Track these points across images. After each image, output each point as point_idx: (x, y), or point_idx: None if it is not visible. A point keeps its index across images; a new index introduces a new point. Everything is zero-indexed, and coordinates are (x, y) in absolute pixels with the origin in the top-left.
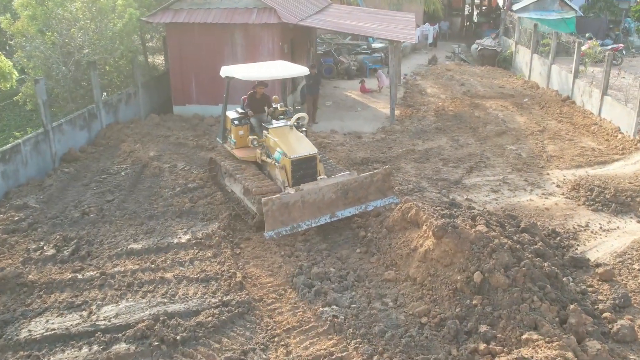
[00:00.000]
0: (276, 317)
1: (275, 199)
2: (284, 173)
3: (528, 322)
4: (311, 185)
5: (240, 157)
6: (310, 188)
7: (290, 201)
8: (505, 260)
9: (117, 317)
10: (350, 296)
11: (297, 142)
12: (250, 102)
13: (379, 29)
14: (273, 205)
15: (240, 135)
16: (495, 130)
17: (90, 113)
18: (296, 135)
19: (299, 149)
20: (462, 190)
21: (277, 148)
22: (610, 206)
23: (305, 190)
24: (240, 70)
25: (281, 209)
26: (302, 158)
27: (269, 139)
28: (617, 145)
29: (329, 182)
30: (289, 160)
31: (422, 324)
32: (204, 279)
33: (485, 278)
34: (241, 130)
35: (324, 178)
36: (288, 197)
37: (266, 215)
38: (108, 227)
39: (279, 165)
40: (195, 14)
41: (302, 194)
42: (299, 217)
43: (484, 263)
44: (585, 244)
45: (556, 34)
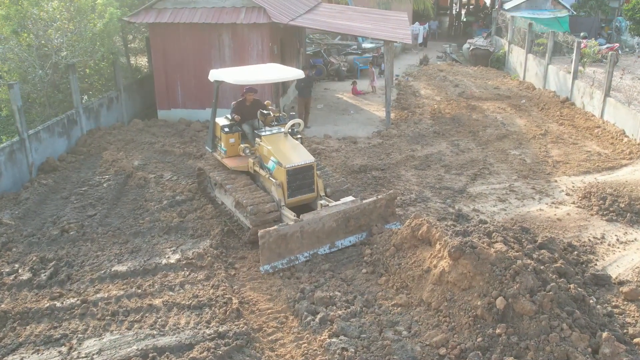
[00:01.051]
0: (278, 350)
1: (272, 231)
2: (280, 191)
3: (559, 355)
4: (311, 215)
5: (232, 167)
6: (310, 218)
7: (288, 232)
8: (530, 284)
9: (101, 353)
10: (359, 324)
11: (293, 151)
12: (239, 109)
13: (372, 28)
14: (270, 237)
15: (231, 144)
16: (496, 134)
17: (69, 119)
18: (291, 142)
19: (294, 158)
20: (468, 199)
21: (271, 157)
22: (625, 216)
23: (305, 221)
24: (231, 74)
25: (278, 240)
26: (299, 167)
27: (262, 147)
28: (624, 149)
29: (331, 210)
30: (284, 170)
31: (441, 356)
32: (196, 306)
33: (509, 304)
34: (232, 138)
35: (325, 204)
36: (286, 228)
37: (262, 248)
38: (89, 245)
39: (276, 183)
40: (180, 13)
41: (301, 225)
42: (296, 249)
43: (507, 287)
44: (604, 259)
45: (552, 33)
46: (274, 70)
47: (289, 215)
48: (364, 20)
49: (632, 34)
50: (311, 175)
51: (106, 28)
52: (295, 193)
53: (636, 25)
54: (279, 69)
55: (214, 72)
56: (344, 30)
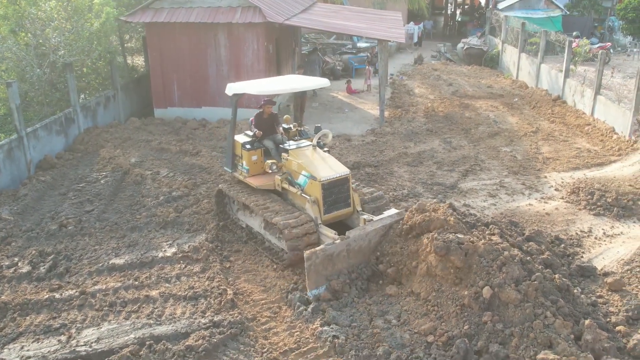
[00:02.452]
0: (272, 338)
1: (319, 252)
2: (316, 208)
3: (542, 340)
4: (357, 231)
5: (257, 186)
6: (356, 234)
7: (335, 252)
8: (516, 274)
9: (99, 341)
10: (350, 314)
11: (325, 163)
12: (258, 122)
13: (367, 28)
14: (317, 258)
15: (253, 161)
16: (488, 132)
17: (67, 117)
18: (321, 155)
19: (328, 171)
20: (459, 195)
21: (302, 171)
22: (612, 210)
23: (352, 238)
24: (252, 85)
25: (325, 261)
26: (334, 180)
27: (290, 162)
28: (613, 146)
29: (376, 225)
30: (319, 184)
31: (429, 343)
32: (192, 297)
33: (495, 293)
34: (254, 155)
35: (369, 219)
36: (333, 247)
37: (309, 271)
38: (87, 240)
39: (311, 199)
40: (176, 13)
41: (347, 242)
42: (344, 268)
43: (493, 277)
44: (590, 251)
45: (545, 32)
46: (294, 80)
47: (328, 234)
48: (359, 20)
49: (624, 34)
50: (347, 189)
51: (103, 27)
52: (331, 209)
53: (628, 24)
54: (299, 78)
55: (232, 85)
56: (339, 29)
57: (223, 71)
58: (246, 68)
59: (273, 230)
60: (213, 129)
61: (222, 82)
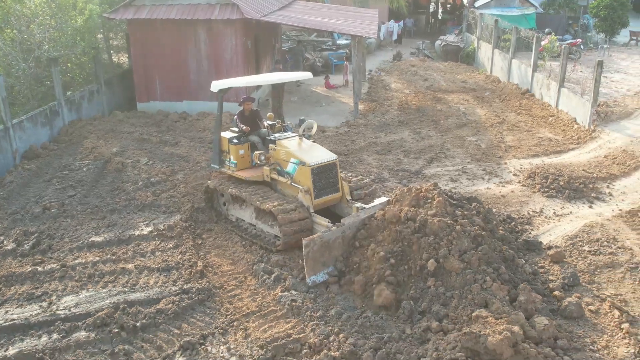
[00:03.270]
0: (236, 303)
1: (316, 239)
2: (308, 197)
3: (479, 301)
4: (352, 218)
5: (246, 178)
6: (351, 222)
7: (331, 239)
8: (464, 247)
9: (77, 306)
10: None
11: (313, 150)
12: (240, 120)
13: (341, 24)
14: (314, 245)
15: (241, 155)
16: (456, 123)
17: (51, 110)
18: (308, 143)
19: (317, 156)
20: (422, 179)
21: (291, 159)
22: (564, 192)
23: (347, 225)
24: (237, 79)
25: (322, 248)
26: (323, 165)
27: (278, 152)
28: (573, 135)
29: (369, 212)
30: (308, 169)
31: (379, 306)
32: (165, 269)
33: (440, 264)
34: (242, 150)
35: (361, 207)
36: (329, 234)
37: (307, 258)
38: (69, 221)
39: (304, 189)
40: (157, 10)
41: (343, 230)
42: (339, 255)
43: (440, 250)
44: (538, 229)
45: (516, 29)
46: (277, 74)
47: (322, 222)
48: (335, 17)
49: (597, 31)
50: (335, 174)
51: (86, 24)
52: (321, 193)
53: (601, 22)
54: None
55: (217, 82)
56: (314, 26)
57: (203, 66)
58: (225, 63)
59: (265, 218)
60: (193, 121)
61: (202, 77)
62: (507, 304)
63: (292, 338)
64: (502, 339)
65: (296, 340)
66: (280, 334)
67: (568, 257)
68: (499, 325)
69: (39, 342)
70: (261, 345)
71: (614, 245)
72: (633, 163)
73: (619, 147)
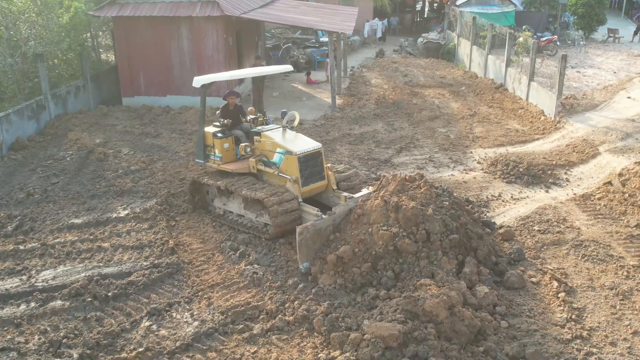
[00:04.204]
0: (203, 276)
1: (309, 227)
2: (297, 187)
3: (426, 273)
4: (342, 207)
5: (233, 170)
6: (341, 210)
7: (323, 226)
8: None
9: (55, 279)
10: (271, 257)
11: (298, 139)
12: (224, 114)
13: (319, 21)
14: (307, 233)
15: (225, 149)
16: (429, 115)
17: (38, 104)
18: (292, 134)
19: (302, 145)
20: (390, 167)
21: (277, 149)
22: (522, 178)
23: (338, 214)
24: (219, 75)
25: (314, 236)
26: (309, 153)
27: (264, 143)
28: (540, 126)
29: (357, 201)
30: (295, 157)
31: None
32: (138, 247)
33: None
34: (226, 143)
35: (349, 196)
36: (321, 222)
37: (300, 245)
38: (52, 206)
39: (292, 179)
40: (140, 7)
41: (334, 218)
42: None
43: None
44: (494, 211)
45: (491, 26)
46: (260, 68)
47: (311, 211)
48: (315, 14)
49: (575, 28)
50: (320, 162)
51: (72, 21)
52: (307, 181)
53: (579, 19)
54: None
55: (199, 78)
56: (292, 22)
57: (186, 62)
58: (207, 59)
59: (254, 208)
60: (175, 115)
61: (185, 72)
62: (453, 275)
63: (251, 305)
64: (439, 302)
65: (255, 307)
66: (241, 302)
67: (518, 235)
68: (439, 291)
69: (17, 309)
70: (222, 311)
71: (562, 225)
72: (591, 151)
73: (580, 137)
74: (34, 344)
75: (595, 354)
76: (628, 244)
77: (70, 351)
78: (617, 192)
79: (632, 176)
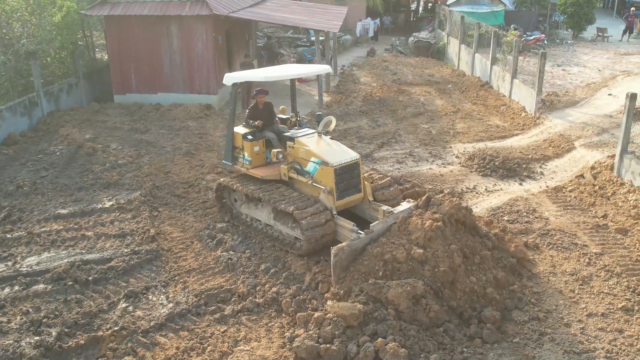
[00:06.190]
0: (180, 262)
1: (345, 248)
2: (331, 198)
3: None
4: (380, 224)
5: (263, 176)
6: (380, 227)
7: (359, 246)
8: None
9: (39, 264)
10: (246, 244)
11: (334, 148)
12: (253, 114)
13: (306, 20)
14: (343, 254)
15: (256, 152)
16: (413, 112)
17: (31, 101)
18: (328, 141)
19: (339, 156)
20: (371, 162)
21: (312, 158)
22: (498, 172)
23: (376, 232)
24: (254, 72)
25: (350, 257)
26: (345, 165)
27: (297, 150)
28: (520, 122)
29: (396, 217)
30: (331, 169)
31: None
32: (120, 235)
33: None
34: (257, 146)
35: (388, 210)
36: (358, 242)
37: (334, 267)
38: (40, 197)
39: (326, 190)
40: (131, 6)
41: (372, 237)
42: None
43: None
44: (468, 202)
45: (478, 25)
46: (297, 67)
47: (347, 226)
48: (304, 13)
49: (565, 27)
50: (358, 174)
51: (64, 20)
52: (343, 195)
53: (568, 18)
54: (302, 66)
55: (230, 75)
56: (280, 21)
57: (176, 60)
58: (197, 58)
59: (285, 219)
60: (165, 112)
61: (175, 70)
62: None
63: (224, 289)
64: (402, 292)
65: (227, 291)
66: (215, 286)
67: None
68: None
69: (1, 292)
70: (196, 294)
71: (532, 215)
72: (567, 146)
73: (557, 132)
74: (16, 323)
75: (549, 334)
76: (593, 233)
77: (49, 330)
78: (588, 185)
79: (603, 169)
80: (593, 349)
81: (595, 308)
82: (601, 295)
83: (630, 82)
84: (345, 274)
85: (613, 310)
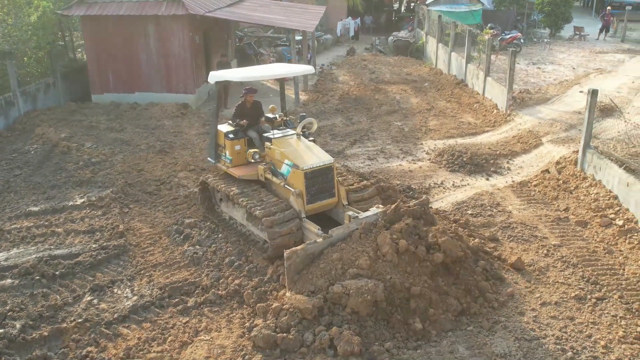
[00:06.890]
0: (147, 257)
1: (299, 251)
2: (300, 201)
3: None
4: (341, 229)
5: (240, 176)
6: (340, 233)
7: (316, 251)
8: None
9: (7, 260)
10: (213, 239)
11: (309, 151)
12: (241, 113)
13: (283, 19)
14: (297, 258)
15: (237, 151)
16: (387, 110)
17: (6, 101)
18: (305, 144)
19: (311, 159)
20: (342, 158)
21: (285, 160)
22: (466, 167)
23: (335, 237)
24: (235, 72)
25: (305, 261)
26: (317, 169)
27: (273, 151)
28: (492, 119)
29: (360, 222)
30: (301, 172)
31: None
32: (89, 231)
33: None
34: (237, 145)
35: (354, 216)
36: (314, 246)
37: (288, 271)
38: (12, 195)
39: (296, 192)
40: (107, 6)
41: (330, 241)
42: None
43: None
44: (434, 197)
45: (454, 24)
46: (279, 67)
47: (312, 229)
48: (282, 13)
49: (542, 26)
50: (331, 178)
51: (40, 20)
52: (314, 199)
53: (545, 17)
54: (285, 66)
55: (215, 73)
56: (257, 21)
57: (153, 60)
58: (174, 57)
59: (255, 221)
60: (141, 111)
61: (152, 70)
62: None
63: (188, 282)
64: (362, 301)
65: (191, 284)
66: (179, 279)
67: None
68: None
69: None
70: (160, 287)
71: (495, 209)
72: (535, 141)
73: (527, 129)
74: None
75: (502, 322)
76: (554, 226)
77: (14, 322)
78: (552, 179)
79: (568, 164)
80: (544, 335)
81: (549, 297)
82: (556, 285)
83: (602, 80)
84: (298, 277)
85: (566, 299)
